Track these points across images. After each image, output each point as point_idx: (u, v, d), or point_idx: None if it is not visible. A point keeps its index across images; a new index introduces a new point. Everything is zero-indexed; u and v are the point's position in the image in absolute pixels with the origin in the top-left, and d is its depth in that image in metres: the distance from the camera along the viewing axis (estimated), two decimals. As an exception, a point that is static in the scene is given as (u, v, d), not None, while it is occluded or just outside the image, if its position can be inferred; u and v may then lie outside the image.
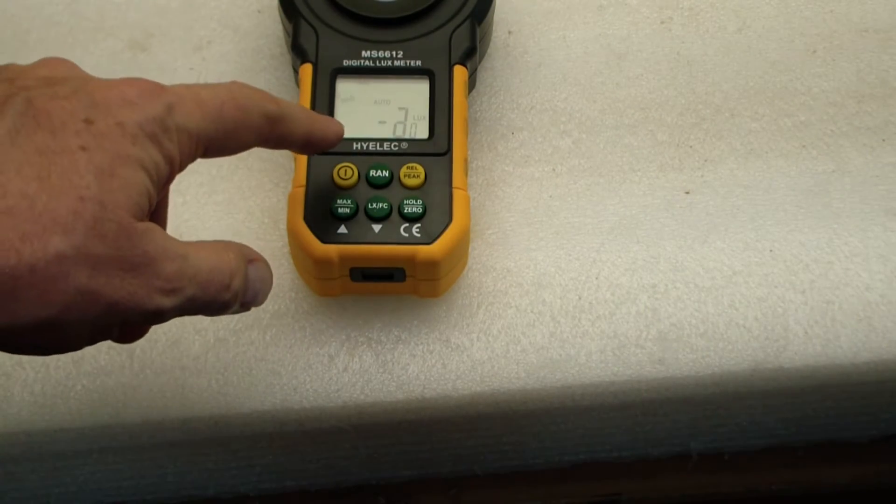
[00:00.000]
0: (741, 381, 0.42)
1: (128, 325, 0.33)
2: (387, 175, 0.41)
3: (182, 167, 0.32)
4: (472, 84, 0.46)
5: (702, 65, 0.49)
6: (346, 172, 0.40)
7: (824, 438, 0.46)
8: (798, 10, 0.51)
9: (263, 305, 0.43)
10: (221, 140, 0.33)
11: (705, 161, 0.47)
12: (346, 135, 0.41)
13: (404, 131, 0.42)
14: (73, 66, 0.33)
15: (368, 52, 0.43)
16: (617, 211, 0.45)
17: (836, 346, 0.42)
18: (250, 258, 0.35)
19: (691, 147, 0.47)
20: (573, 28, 0.50)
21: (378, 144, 0.41)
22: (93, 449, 0.42)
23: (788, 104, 0.48)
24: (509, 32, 0.50)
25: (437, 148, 0.41)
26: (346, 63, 0.43)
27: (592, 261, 0.44)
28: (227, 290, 0.33)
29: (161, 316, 0.31)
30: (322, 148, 0.37)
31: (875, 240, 0.44)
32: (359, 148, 0.41)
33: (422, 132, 0.42)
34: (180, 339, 0.42)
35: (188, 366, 0.42)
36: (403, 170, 0.41)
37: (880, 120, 0.47)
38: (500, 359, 0.42)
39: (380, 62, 0.43)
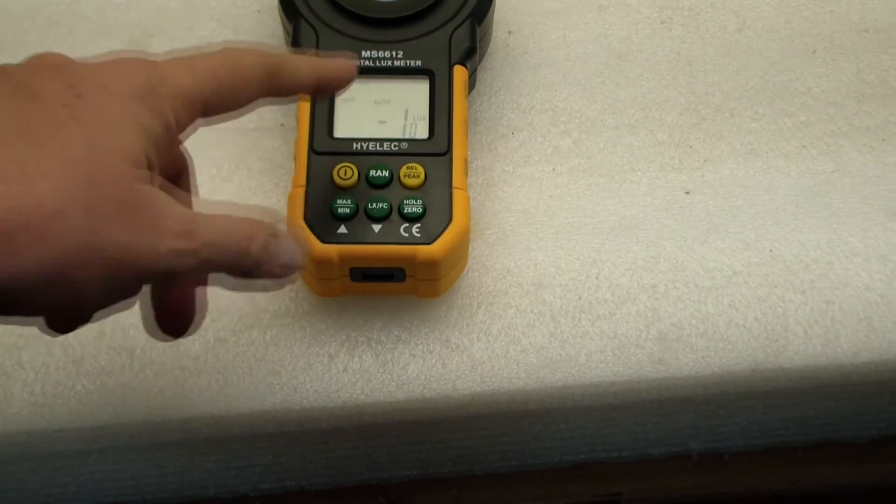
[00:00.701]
0: (741, 381, 0.42)
1: (155, 285, 0.33)
2: (387, 175, 0.40)
3: (182, 129, 0.32)
4: (472, 84, 0.46)
5: (702, 65, 0.49)
6: (345, 172, 0.40)
7: (824, 438, 0.46)
8: (798, 10, 0.51)
9: (263, 305, 0.43)
10: (218, 100, 0.33)
11: (705, 161, 0.47)
12: (347, 135, 0.42)
13: (404, 131, 0.42)
14: (63, 55, 0.33)
15: (368, 53, 0.43)
16: (617, 211, 0.45)
17: (836, 346, 0.42)
18: (273, 232, 0.34)
19: (691, 147, 0.47)
20: (573, 28, 0.50)
21: (378, 144, 0.41)
22: (93, 449, 0.42)
23: (788, 104, 0.48)
24: (509, 32, 0.50)
25: (437, 148, 0.41)
26: None
27: (592, 261, 0.44)
28: (246, 256, 0.32)
29: (174, 276, 0.31)
30: (339, 86, 0.37)
31: (875, 240, 0.44)
32: (359, 148, 0.41)
33: (422, 132, 0.42)
34: (180, 339, 0.42)
35: (188, 366, 0.42)
36: (403, 170, 0.41)
37: (880, 120, 0.47)
38: (500, 359, 0.42)
39: (380, 62, 0.43)
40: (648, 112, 0.48)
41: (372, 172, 0.40)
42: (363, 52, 0.43)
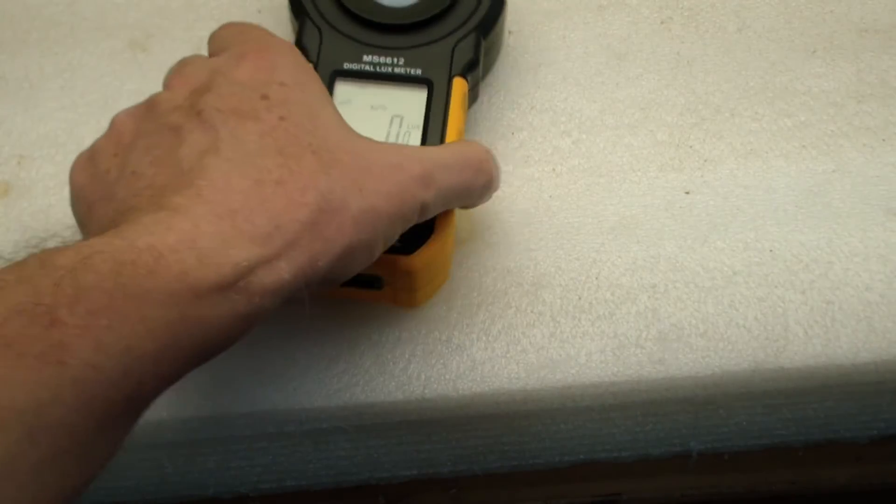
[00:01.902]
0: (741, 381, 0.42)
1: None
2: None
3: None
4: (473, 97, 0.46)
5: (702, 65, 0.49)
6: None
7: (824, 438, 0.46)
8: (798, 10, 0.51)
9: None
10: None
11: (705, 161, 0.47)
12: None
13: (397, 138, 0.41)
14: (185, 73, 0.36)
15: (370, 57, 0.43)
16: (617, 211, 0.45)
17: (836, 346, 0.42)
18: (491, 154, 0.40)
19: (691, 147, 0.47)
20: (573, 28, 0.50)
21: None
22: (93, 449, 0.42)
23: (788, 104, 0.48)
24: (509, 32, 0.50)
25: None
26: (346, 66, 0.43)
27: (592, 261, 0.44)
28: (481, 173, 0.38)
29: (427, 209, 0.35)
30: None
31: (875, 240, 0.44)
32: None
33: (414, 140, 0.42)
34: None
35: (188, 366, 0.42)
36: None
37: (880, 120, 0.47)
38: (500, 359, 0.42)
39: (380, 68, 0.43)
40: (648, 112, 0.48)
41: None
42: (364, 57, 0.43)
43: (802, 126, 0.47)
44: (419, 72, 0.43)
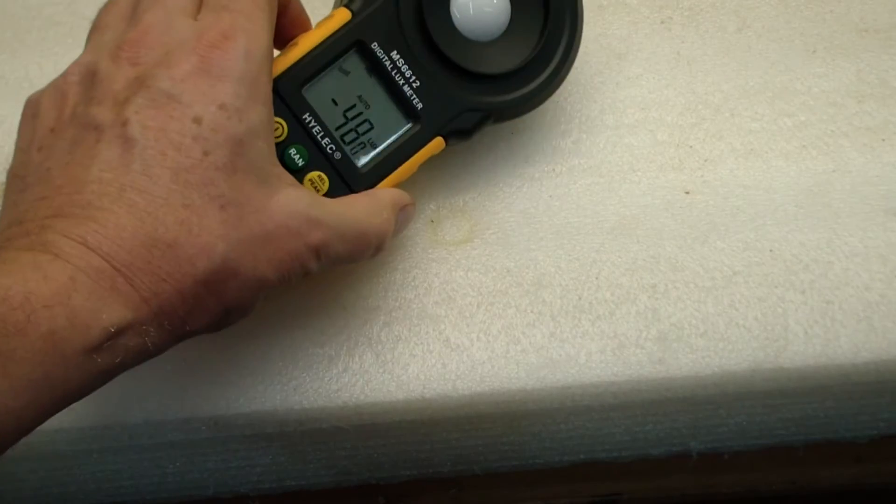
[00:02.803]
0: (741, 381, 0.42)
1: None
2: (299, 163, 0.38)
3: (271, 83, 0.35)
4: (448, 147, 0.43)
5: (702, 65, 0.49)
6: (277, 128, 0.38)
7: (824, 438, 0.46)
8: (798, 10, 0.51)
9: (262, 305, 0.43)
10: (273, 30, 0.36)
11: (705, 161, 0.47)
12: (311, 100, 0.39)
13: (352, 145, 0.40)
14: (143, 42, 0.34)
15: (397, 57, 0.40)
16: (617, 211, 0.45)
17: (836, 346, 0.42)
18: (402, 205, 0.39)
19: (691, 147, 0.47)
20: (573, 28, 0.50)
21: (321, 133, 0.39)
22: (93, 449, 0.42)
23: (788, 104, 0.48)
24: (509, 32, 0.50)
25: (356, 182, 0.39)
26: (373, 46, 0.40)
27: (592, 261, 0.44)
28: (371, 248, 0.37)
29: (309, 274, 0.35)
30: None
31: (875, 240, 0.44)
32: (306, 119, 0.39)
33: (361, 161, 0.40)
34: (180, 339, 0.42)
35: (188, 366, 0.42)
36: (315, 174, 0.39)
37: (880, 120, 0.47)
38: (500, 359, 0.42)
39: (395, 74, 0.40)
40: (648, 112, 0.48)
41: (290, 152, 0.38)
42: (393, 53, 0.40)
43: (802, 126, 0.47)
44: (420, 105, 0.40)
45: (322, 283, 0.44)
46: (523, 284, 0.43)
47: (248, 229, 0.32)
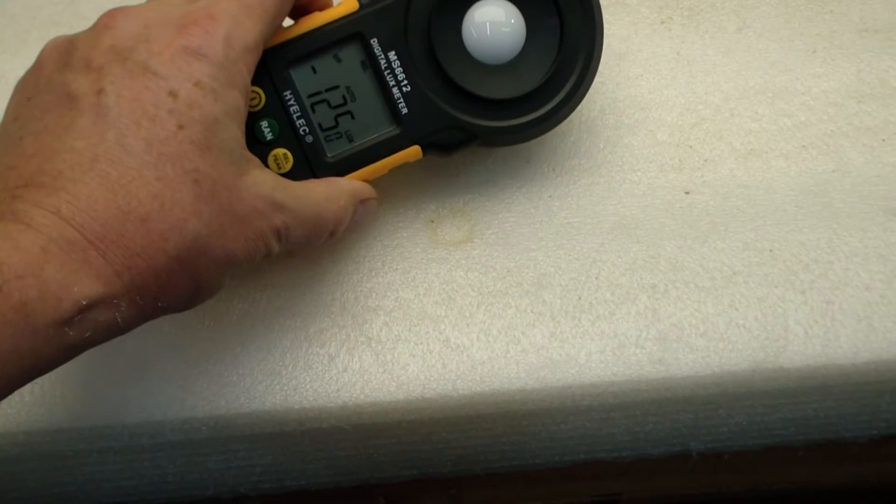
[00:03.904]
0: (741, 381, 0.42)
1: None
2: (268, 137, 0.38)
3: (251, 76, 0.35)
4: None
5: (702, 65, 0.49)
6: (254, 98, 0.38)
7: (824, 438, 0.46)
8: (798, 10, 0.51)
9: (262, 305, 0.43)
10: (272, 29, 0.36)
11: (705, 161, 0.47)
12: (296, 78, 0.38)
13: (328, 132, 0.39)
14: (127, 14, 0.34)
15: (394, 57, 0.39)
16: (617, 211, 0.45)
17: (836, 346, 0.42)
18: (363, 198, 0.39)
19: (691, 147, 0.47)
20: (573, 28, 0.50)
21: (298, 114, 0.38)
22: (93, 449, 0.42)
23: (788, 104, 0.48)
24: (509, 32, 0.50)
25: (320, 169, 0.39)
26: (372, 42, 0.39)
27: (592, 261, 0.44)
28: (325, 234, 0.37)
29: (271, 254, 0.35)
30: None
31: (875, 240, 0.44)
32: (287, 95, 0.38)
33: (332, 150, 0.39)
34: (180, 339, 0.42)
35: (188, 366, 0.42)
36: (280, 151, 0.38)
37: (880, 120, 0.47)
38: (500, 359, 0.42)
39: (388, 74, 0.39)
40: (648, 112, 0.48)
41: (262, 123, 0.38)
42: (390, 53, 0.39)
43: (802, 126, 0.47)
44: (405, 111, 0.39)
45: (322, 282, 0.44)
46: (523, 284, 0.43)
47: (218, 206, 0.32)
